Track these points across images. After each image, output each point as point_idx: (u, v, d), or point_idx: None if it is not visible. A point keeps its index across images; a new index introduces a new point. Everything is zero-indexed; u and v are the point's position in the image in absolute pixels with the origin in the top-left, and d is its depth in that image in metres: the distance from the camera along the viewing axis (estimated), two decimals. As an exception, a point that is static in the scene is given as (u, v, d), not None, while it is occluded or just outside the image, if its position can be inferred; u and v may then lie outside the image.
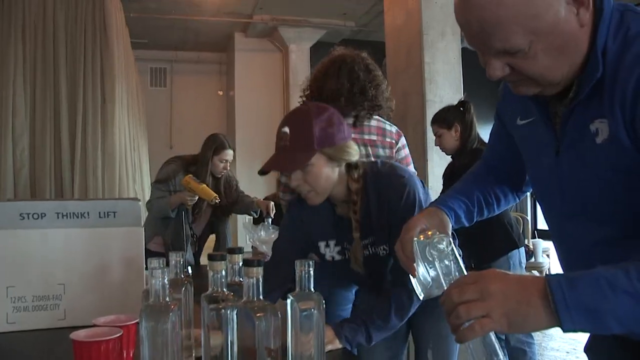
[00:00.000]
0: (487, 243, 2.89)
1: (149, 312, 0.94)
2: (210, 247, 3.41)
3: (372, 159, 2.02)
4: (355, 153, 1.54)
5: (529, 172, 1.18)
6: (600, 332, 0.78)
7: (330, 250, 1.65)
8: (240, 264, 1.11)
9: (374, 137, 2.14)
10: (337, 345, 1.40)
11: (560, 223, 1.07)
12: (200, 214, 3.31)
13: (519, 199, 1.36)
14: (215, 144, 3.24)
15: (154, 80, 10.03)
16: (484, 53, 0.92)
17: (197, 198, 3.09)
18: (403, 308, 1.48)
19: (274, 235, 2.75)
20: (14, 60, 3.94)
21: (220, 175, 3.28)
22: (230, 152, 3.26)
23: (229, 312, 0.97)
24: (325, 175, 1.49)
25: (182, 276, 1.15)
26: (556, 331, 4.87)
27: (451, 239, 1.03)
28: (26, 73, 4.02)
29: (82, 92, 4.12)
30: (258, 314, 0.90)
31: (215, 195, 3.02)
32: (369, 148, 2.11)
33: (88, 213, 1.63)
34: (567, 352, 4.24)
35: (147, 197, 4.95)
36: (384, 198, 1.53)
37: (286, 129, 1.47)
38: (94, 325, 1.19)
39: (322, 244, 1.66)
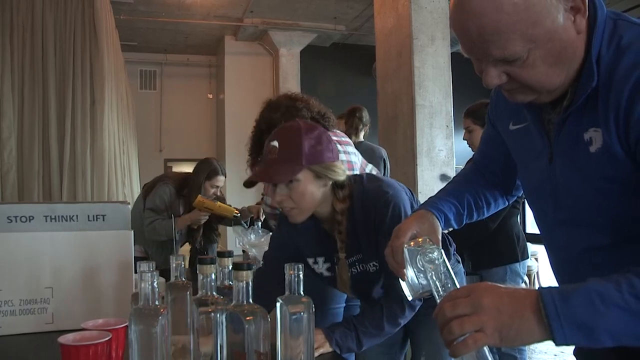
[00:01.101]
0: (489, 250, 2.89)
1: (138, 316, 0.93)
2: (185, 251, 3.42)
3: (357, 173, 2.03)
4: (342, 173, 1.53)
5: (521, 177, 1.18)
6: (593, 345, 0.77)
7: (319, 267, 1.64)
8: (230, 267, 1.11)
9: None
10: (328, 348, 1.40)
11: (552, 229, 1.07)
12: (199, 230, 3.32)
13: (509, 203, 1.37)
14: (209, 169, 3.25)
15: (144, 83, 10.00)
16: (481, 61, 0.92)
17: (208, 217, 3.11)
18: (395, 316, 1.48)
19: (263, 239, 2.74)
20: (1, 61, 3.91)
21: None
22: (222, 178, 3.29)
23: (218, 315, 0.96)
24: (310, 193, 1.48)
25: (184, 279, 1.13)
26: (544, 335, 4.90)
27: (442, 250, 1.03)
28: (14, 75, 3.99)
29: (72, 94, 4.10)
30: (248, 318, 0.90)
31: (235, 209, 3.05)
32: None
33: (77, 216, 1.63)
34: (555, 355, 4.27)
35: (136, 200, 4.95)
36: (369, 216, 1.52)
37: (275, 143, 1.47)
38: (83, 329, 1.18)
39: (310, 261, 1.65)
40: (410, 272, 1.05)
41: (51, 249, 1.61)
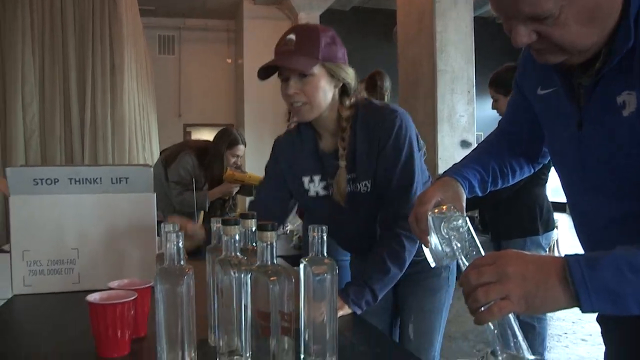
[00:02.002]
0: (509, 219, 2.86)
1: (164, 276, 0.95)
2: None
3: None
4: (352, 77, 1.54)
5: (549, 144, 1.15)
6: (620, 313, 0.76)
7: (314, 186, 1.63)
8: (254, 229, 1.11)
9: None
10: (347, 310, 1.42)
11: (579, 197, 1.05)
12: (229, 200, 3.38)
13: (534, 170, 1.35)
14: (229, 139, 3.30)
15: (163, 48, 9.98)
16: (510, 19, 0.87)
17: (238, 187, 3.16)
18: (398, 255, 1.49)
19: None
20: (22, 28, 3.92)
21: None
22: (242, 147, 3.32)
23: (242, 276, 0.97)
24: (323, 90, 1.49)
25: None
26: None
27: (467, 218, 1.02)
28: (34, 41, 4.00)
29: (91, 59, 4.11)
30: (272, 278, 0.91)
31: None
32: None
33: (100, 179, 1.64)
34: (573, 322, 4.27)
35: (155, 165, 4.98)
36: (373, 132, 1.52)
37: (292, 36, 1.47)
38: (110, 289, 1.20)
39: (306, 179, 1.64)
40: (434, 240, 1.04)
41: (76, 211, 1.63)
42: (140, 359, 1.11)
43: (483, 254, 0.93)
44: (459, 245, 0.97)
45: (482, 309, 0.79)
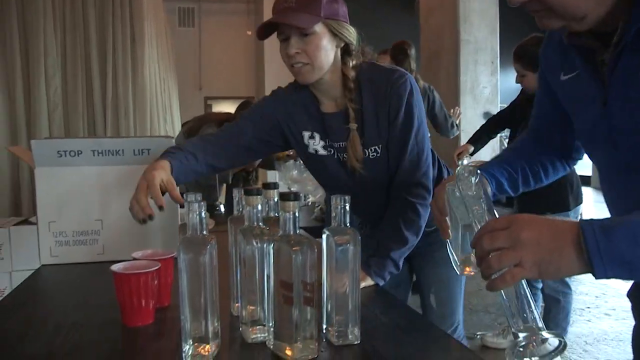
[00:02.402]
0: (539, 195, 2.80)
1: (187, 245, 0.95)
2: None
3: None
4: (354, 36, 1.49)
5: (577, 131, 1.11)
6: (634, 279, 0.75)
7: (314, 143, 1.58)
8: (276, 199, 1.11)
9: None
10: (369, 282, 1.41)
11: (611, 178, 1.02)
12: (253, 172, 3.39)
13: (570, 168, 1.30)
14: None
15: (182, 21, 9.95)
16: None
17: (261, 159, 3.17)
18: (413, 223, 1.47)
19: (305, 174, 2.75)
20: (43, 1, 3.94)
21: None
22: None
23: (265, 246, 0.97)
24: (325, 49, 1.43)
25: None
26: (586, 276, 4.86)
27: (481, 174, 0.98)
28: (56, 14, 4.01)
29: (112, 31, 4.11)
30: (294, 248, 0.90)
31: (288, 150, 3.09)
32: None
33: (123, 151, 1.65)
34: (597, 297, 4.24)
35: (176, 138, 5.01)
36: (382, 96, 1.48)
37: None
38: (133, 259, 1.21)
39: (306, 134, 1.58)
40: (452, 224, 1.00)
41: (99, 182, 1.64)
42: (164, 328, 1.12)
43: (497, 216, 0.90)
44: (472, 204, 0.92)
45: (495, 275, 0.78)
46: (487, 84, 4.76)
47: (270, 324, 0.96)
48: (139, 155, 1.65)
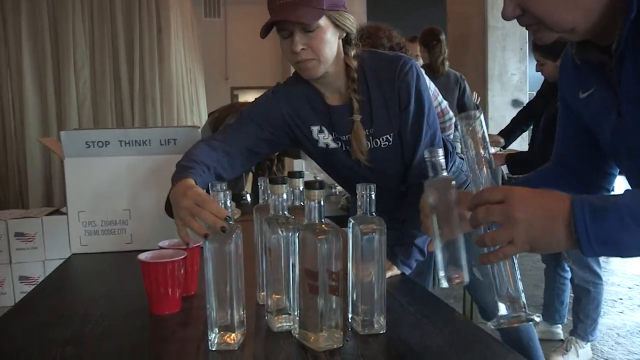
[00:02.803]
0: None
1: (212, 234, 0.95)
2: None
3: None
4: (354, 25, 1.45)
5: (602, 144, 1.07)
6: (624, 257, 0.79)
7: (324, 137, 1.54)
8: (301, 188, 1.10)
9: None
10: (396, 271, 1.40)
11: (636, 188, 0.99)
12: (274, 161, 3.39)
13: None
14: None
15: (208, 11, 9.98)
16: None
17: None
18: None
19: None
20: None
21: None
22: None
23: (290, 235, 0.97)
24: (329, 42, 1.40)
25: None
26: (618, 266, 4.76)
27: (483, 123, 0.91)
28: (84, 6, 4.06)
29: (138, 22, 4.15)
30: (320, 237, 0.90)
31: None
32: None
33: (149, 141, 1.66)
34: (629, 288, 4.15)
35: (203, 128, 5.03)
36: (388, 84, 1.45)
37: None
38: (160, 248, 1.22)
39: (315, 129, 1.54)
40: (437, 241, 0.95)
41: (126, 172, 1.66)
42: (191, 316, 1.13)
43: (489, 177, 0.88)
44: (472, 153, 0.88)
45: (486, 250, 0.83)
46: (516, 71, 4.68)
47: (296, 313, 0.96)
48: (165, 145, 1.66)
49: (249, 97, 9.29)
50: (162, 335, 1.04)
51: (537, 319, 0.86)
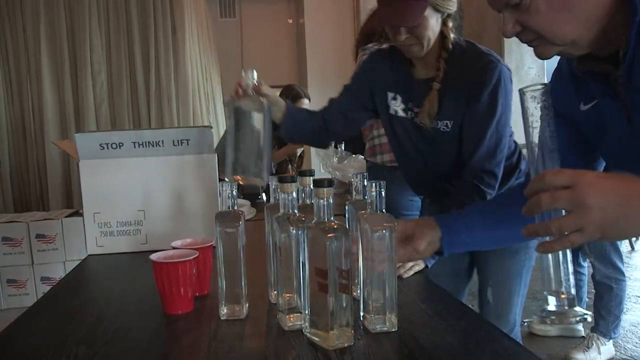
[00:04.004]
0: None
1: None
2: None
3: None
4: (456, 2, 1.49)
5: (605, 152, 1.07)
6: None
7: (396, 103, 1.63)
8: (311, 186, 1.10)
9: None
10: (421, 265, 1.38)
11: None
12: (295, 161, 3.41)
13: None
14: (292, 94, 3.37)
15: (224, 11, 10.00)
16: (500, 10, 0.90)
17: (303, 148, 3.20)
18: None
19: (346, 161, 2.74)
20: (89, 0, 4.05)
21: None
22: (306, 101, 3.36)
23: (300, 233, 0.97)
24: (432, 27, 1.46)
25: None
26: (641, 261, 4.67)
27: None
28: (100, 9, 4.10)
29: (153, 23, 4.17)
30: (329, 235, 0.90)
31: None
32: None
33: (162, 141, 1.67)
34: (653, 281, 4.09)
35: (222, 128, 5.05)
36: (466, 75, 1.48)
37: None
38: (173, 248, 1.23)
39: (390, 95, 1.64)
40: None
41: (140, 173, 1.67)
42: (203, 316, 1.13)
43: (555, 158, 0.81)
44: (534, 131, 0.81)
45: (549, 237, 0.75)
46: (533, 64, 4.62)
47: (306, 312, 0.96)
48: (178, 145, 1.67)
49: (265, 96, 9.27)
50: (174, 335, 1.05)
51: (589, 318, 0.79)
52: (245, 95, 1.56)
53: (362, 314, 1.03)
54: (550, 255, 0.79)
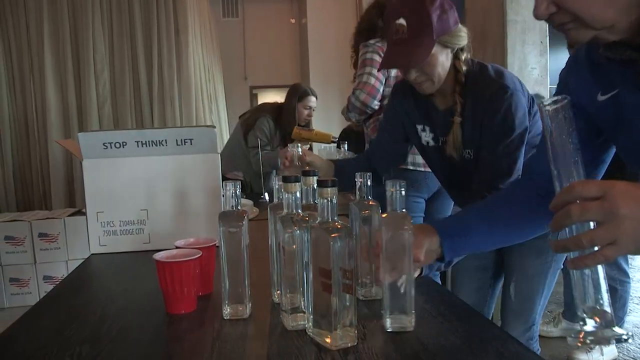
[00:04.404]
0: None
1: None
2: None
3: None
4: (465, 37, 1.50)
5: (621, 145, 1.03)
6: None
7: (425, 135, 1.68)
8: (315, 186, 1.10)
9: None
10: (417, 271, 1.34)
11: None
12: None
13: None
14: (299, 92, 3.36)
15: (226, 11, 10.00)
16: None
17: (308, 145, 3.18)
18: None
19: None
20: (92, 0, 4.05)
21: (304, 124, 3.35)
22: (313, 98, 3.36)
23: (303, 233, 0.96)
24: (442, 63, 1.47)
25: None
26: (644, 262, 4.67)
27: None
28: (103, 9, 4.11)
29: (156, 24, 4.18)
30: (332, 235, 0.89)
31: (332, 134, 3.11)
32: None
33: (166, 141, 1.67)
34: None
35: (224, 128, 5.05)
36: (479, 103, 1.49)
37: (402, 21, 1.41)
38: (177, 248, 1.23)
39: (419, 127, 1.69)
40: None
41: (143, 173, 1.67)
42: (206, 315, 1.13)
43: (581, 172, 0.77)
44: (558, 142, 0.77)
45: (582, 252, 0.71)
46: (536, 65, 4.60)
47: (310, 312, 0.96)
48: (181, 145, 1.67)
49: (268, 96, 9.32)
50: (177, 335, 1.05)
51: (629, 339, 0.74)
52: (292, 165, 1.74)
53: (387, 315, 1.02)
54: (583, 272, 0.74)
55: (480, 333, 1.00)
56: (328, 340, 0.92)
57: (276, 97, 6.87)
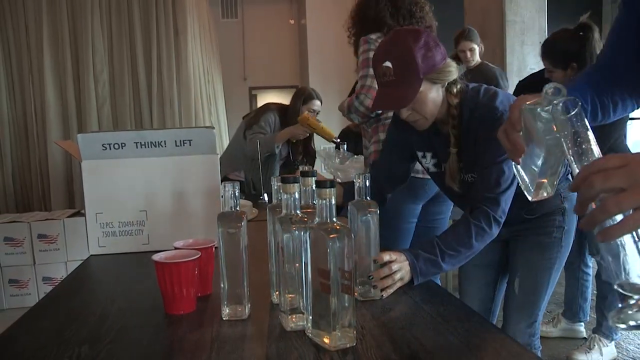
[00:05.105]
0: None
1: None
2: None
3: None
4: (455, 70, 1.50)
5: None
6: None
7: (426, 161, 1.69)
8: (313, 187, 1.10)
9: None
10: (406, 279, 1.29)
11: None
12: (299, 150, 3.39)
13: (639, 107, 1.18)
14: (304, 95, 3.35)
15: (225, 12, 10.01)
16: None
17: (308, 134, 3.18)
18: (484, 233, 1.39)
19: (349, 162, 2.74)
20: (91, 1, 4.05)
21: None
22: (317, 102, 3.36)
23: (302, 233, 0.97)
24: (432, 99, 1.48)
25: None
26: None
27: (576, 100, 0.77)
28: (102, 11, 4.11)
29: (156, 25, 4.19)
30: (331, 235, 0.90)
31: (334, 135, 3.10)
32: None
33: (165, 142, 1.67)
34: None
35: (223, 129, 5.05)
36: (474, 128, 1.49)
37: (388, 64, 1.44)
38: (176, 249, 1.23)
39: (420, 154, 1.70)
40: (527, 150, 0.87)
41: (142, 174, 1.67)
42: (205, 316, 1.13)
43: (596, 154, 0.74)
44: (564, 131, 0.74)
45: (610, 222, 0.67)
46: (535, 65, 4.61)
47: (309, 312, 0.96)
48: (180, 146, 1.67)
49: (267, 97, 9.31)
50: (176, 335, 1.05)
51: None
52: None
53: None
54: (618, 245, 0.69)
55: (479, 333, 1.01)
56: (327, 340, 0.92)
57: (275, 98, 6.86)
